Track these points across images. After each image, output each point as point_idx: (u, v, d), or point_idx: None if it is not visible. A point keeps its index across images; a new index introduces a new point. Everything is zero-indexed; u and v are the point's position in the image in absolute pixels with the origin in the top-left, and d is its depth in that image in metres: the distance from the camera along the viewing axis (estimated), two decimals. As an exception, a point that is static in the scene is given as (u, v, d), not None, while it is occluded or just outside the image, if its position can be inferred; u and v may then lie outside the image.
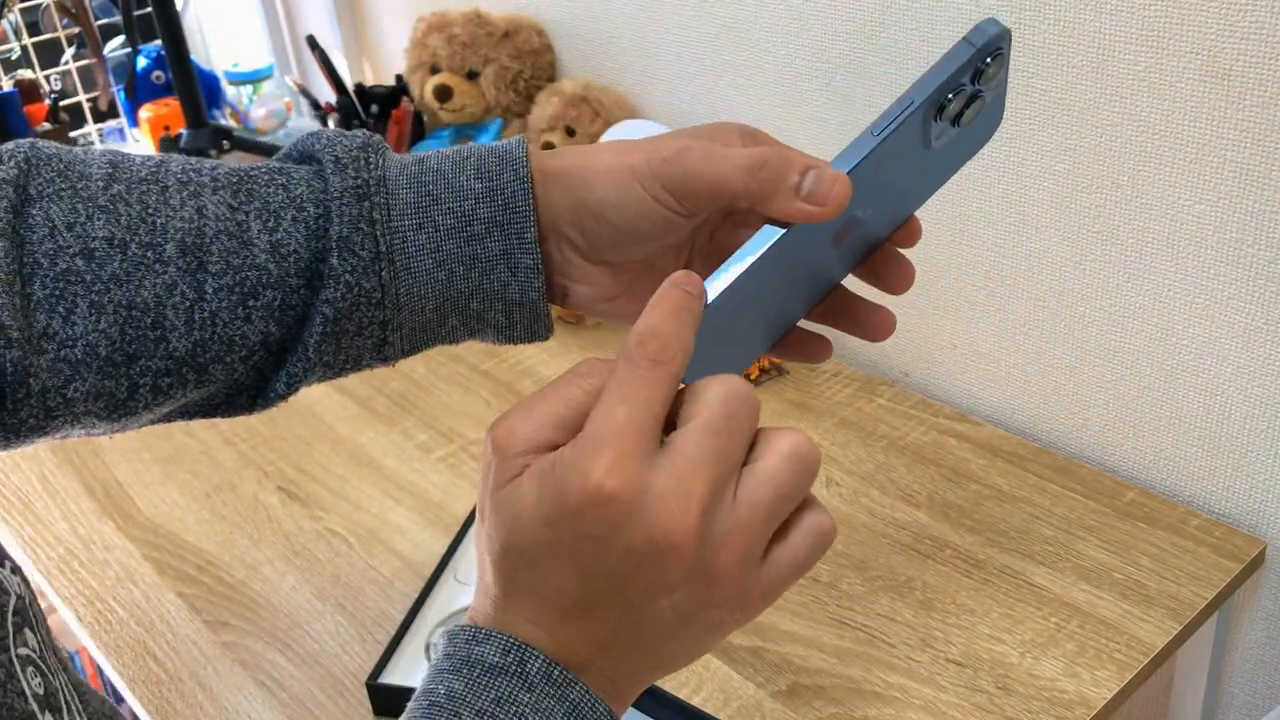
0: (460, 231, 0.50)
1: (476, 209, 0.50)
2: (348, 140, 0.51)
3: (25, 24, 1.66)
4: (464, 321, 0.52)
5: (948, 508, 0.91)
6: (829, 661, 0.78)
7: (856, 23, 0.97)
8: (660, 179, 0.48)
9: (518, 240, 0.49)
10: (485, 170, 0.50)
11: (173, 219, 0.48)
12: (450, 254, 0.50)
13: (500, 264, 0.50)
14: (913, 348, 1.07)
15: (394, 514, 0.96)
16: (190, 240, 0.48)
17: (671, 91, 1.19)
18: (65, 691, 0.48)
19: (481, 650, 0.40)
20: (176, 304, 0.48)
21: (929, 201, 0.52)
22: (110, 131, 1.76)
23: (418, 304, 0.50)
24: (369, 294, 0.49)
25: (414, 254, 0.50)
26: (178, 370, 0.49)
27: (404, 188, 0.50)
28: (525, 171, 0.50)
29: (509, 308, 0.51)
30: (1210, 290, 0.83)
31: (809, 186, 0.44)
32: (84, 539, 0.97)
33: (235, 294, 0.49)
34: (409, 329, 0.51)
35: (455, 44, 1.28)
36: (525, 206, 0.49)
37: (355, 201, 0.49)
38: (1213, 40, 0.76)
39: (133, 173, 0.50)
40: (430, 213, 0.50)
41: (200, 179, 0.50)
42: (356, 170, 0.50)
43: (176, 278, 0.48)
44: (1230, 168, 0.79)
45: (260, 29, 1.78)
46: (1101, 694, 0.74)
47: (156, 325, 0.48)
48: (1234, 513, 0.89)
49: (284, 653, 0.83)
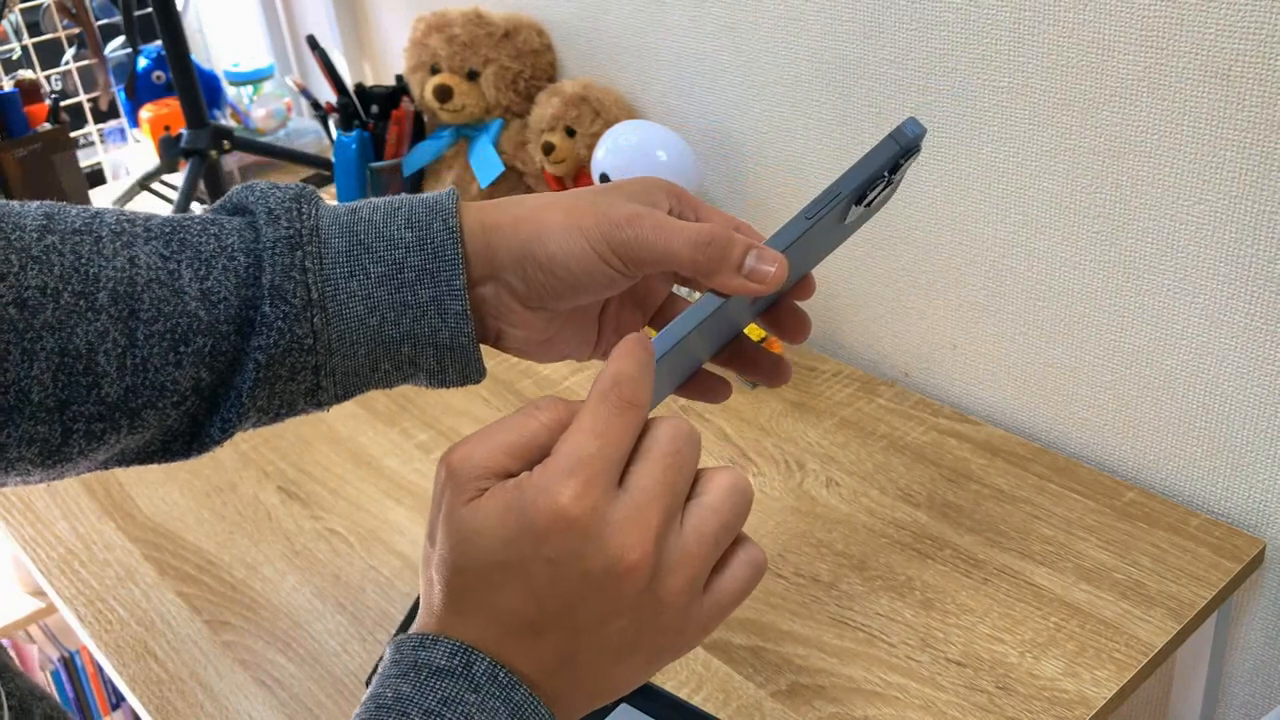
0: (391, 279, 0.52)
1: (407, 257, 0.52)
2: (280, 192, 0.53)
3: (26, 24, 1.66)
4: (396, 366, 0.54)
5: (948, 508, 0.91)
6: (829, 661, 0.78)
7: (856, 23, 0.97)
8: (610, 243, 0.51)
9: (447, 287, 0.52)
10: (415, 220, 0.52)
11: (105, 268, 0.50)
12: (381, 300, 0.52)
13: (431, 309, 0.52)
14: (913, 348, 1.07)
15: (394, 514, 0.96)
16: (122, 289, 0.50)
17: (671, 91, 1.19)
18: None
19: (428, 655, 0.42)
20: (108, 350, 0.49)
21: (929, 201, 0.55)
22: (111, 131, 1.76)
23: (350, 349, 0.52)
24: (301, 340, 0.51)
25: (346, 300, 0.52)
26: (110, 415, 0.50)
27: (336, 237, 0.52)
28: (454, 222, 0.52)
29: (440, 352, 0.53)
30: (1210, 290, 0.83)
31: (750, 265, 0.48)
32: (84, 539, 0.97)
33: (166, 340, 0.50)
34: (341, 374, 0.53)
35: (455, 44, 1.28)
36: (454, 255, 0.52)
37: (288, 251, 0.51)
38: (1213, 40, 0.76)
39: (67, 224, 0.51)
40: (362, 261, 0.52)
41: (134, 229, 0.52)
42: (289, 221, 0.52)
43: (108, 325, 0.49)
44: (1230, 168, 0.79)
45: (260, 29, 1.78)
46: (1101, 694, 0.74)
47: (89, 371, 0.49)
48: (1234, 513, 0.89)
49: (284, 652, 0.83)
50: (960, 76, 0.92)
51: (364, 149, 1.38)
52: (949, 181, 0.96)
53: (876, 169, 0.49)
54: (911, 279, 1.03)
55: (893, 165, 0.50)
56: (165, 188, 1.57)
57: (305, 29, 1.71)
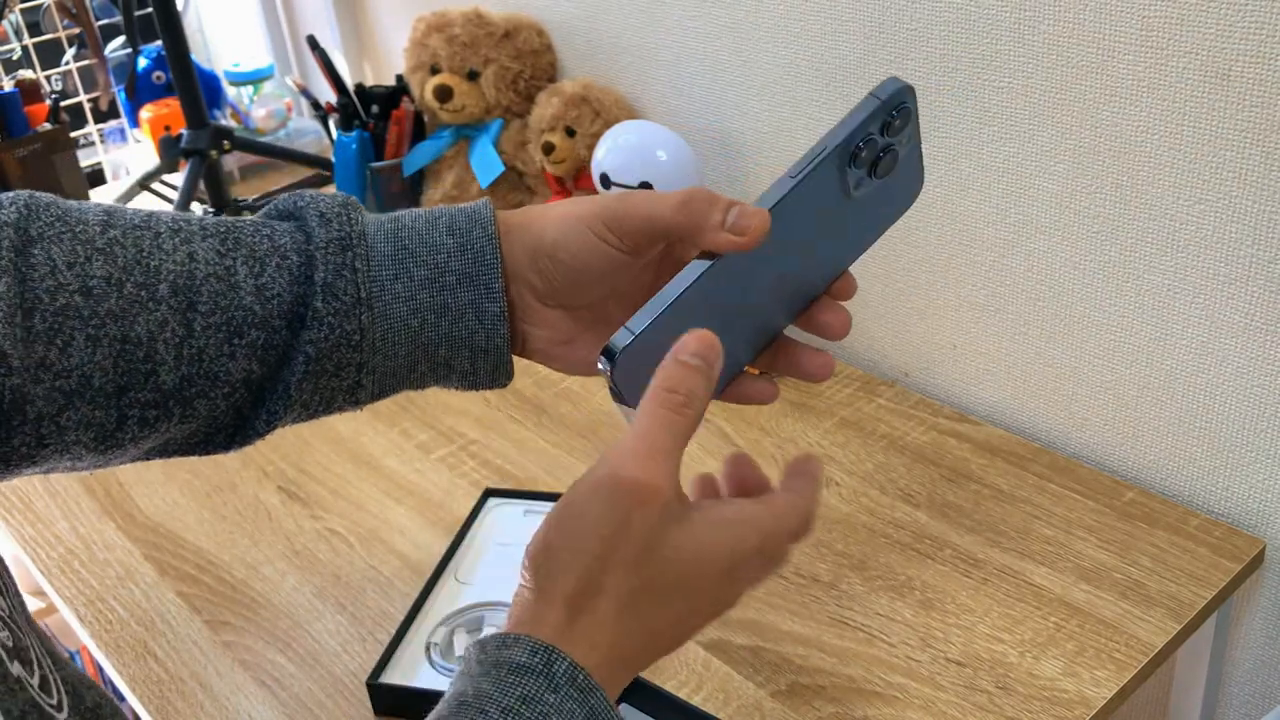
0: (434, 282, 0.55)
1: (449, 262, 0.55)
2: (330, 199, 0.56)
3: (26, 24, 1.66)
4: (431, 367, 0.56)
5: (947, 508, 0.91)
6: (829, 661, 0.78)
7: (856, 23, 0.97)
8: (603, 219, 0.53)
9: (485, 290, 0.55)
10: (456, 228, 0.55)
11: (165, 261, 0.52)
12: (423, 303, 0.55)
13: (469, 312, 0.55)
14: (913, 348, 1.07)
15: (394, 514, 0.96)
16: (182, 281, 0.52)
17: (671, 91, 1.19)
18: (36, 651, 0.51)
19: (510, 653, 0.43)
20: (167, 340, 0.52)
21: (929, 202, 0.54)
22: (111, 132, 1.76)
23: (391, 349, 0.55)
24: (349, 336, 0.54)
25: (390, 301, 0.54)
26: (164, 403, 0.52)
27: (381, 241, 0.55)
28: (493, 229, 0.55)
29: (475, 354, 0.56)
30: (1210, 290, 0.83)
31: (732, 219, 0.49)
32: (84, 539, 0.97)
33: (222, 332, 0.53)
34: (381, 373, 0.55)
35: (455, 44, 1.28)
36: (493, 260, 0.55)
37: (339, 251, 0.54)
38: (1213, 40, 0.76)
39: (127, 220, 0.54)
40: (406, 264, 0.55)
41: (190, 228, 0.54)
42: (340, 224, 0.54)
43: (168, 315, 0.52)
44: (1230, 168, 0.79)
45: (260, 29, 1.78)
46: (1101, 694, 0.74)
47: (148, 359, 0.51)
48: (1234, 513, 0.89)
49: (284, 652, 0.83)
50: (960, 76, 0.92)
51: (364, 149, 1.38)
52: (949, 181, 0.96)
53: (859, 124, 0.49)
54: (911, 279, 1.03)
55: (881, 124, 0.49)
56: (165, 188, 1.57)
57: (305, 29, 1.71)
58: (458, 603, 0.83)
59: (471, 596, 0.83)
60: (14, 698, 0.45)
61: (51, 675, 0.51)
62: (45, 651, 0.52)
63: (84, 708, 0.53)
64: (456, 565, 0.86)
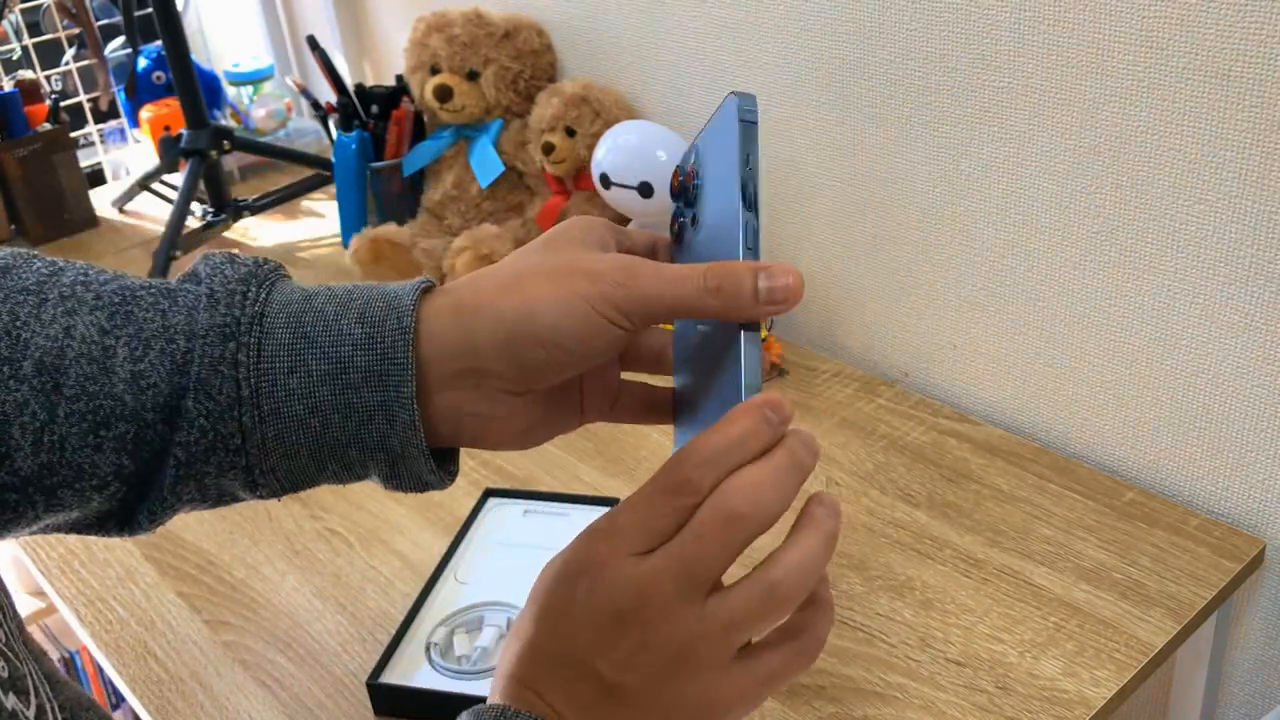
0: (335, 379, 0.47)
1: (354, 355, 0.47)
2: (233, 269, 0.49)
3: (26, 24, 1.66)
4: (345, 468, 0.49)
5: (947, 508, 0.91)
6: (829, 661, 0.78)
7: (856, 23, 0.97)
8: (614, 304, 0.46)
9: (395, 394, 0.47)
10: (368, 315, 0.47)
11: (36, 335, 0.46)
12: (324, 401, 0.47)
13: (379, 415, 0.47)
14: (913, 348, 1.07)
15: (394, 514, 0.96)
16: (50, 360, 0.46)
17: (671, 91, 1.19)
18: (34, 678, 0.47)
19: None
20: (25, 423, 0.46)
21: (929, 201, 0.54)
22: (111, 132, 1.76)
23: (290, 449, 0.48)
24: (227, 439, 0.47)
25: (284, 399, 0.47)
26: (23, 489, 0.47)
27: (280, 327, 0.47)
28: (409, 320, 0.47)
29: (392, 459, 0.49)
30: (1210, 290, 0.83)
31: (767, 292, 0.45)
32: (84, 539, 0.97)
33: (87, 421, 0.46)
34: (284, 472, 0.49)
35: (455, 44, 1.28)
36: (404, 358, 0.47)
37: (220, 341, 0.47)
38: (1213, 40, 0.76)
39: (18, 281, 0.48)
40: (304, 356, 0.47)
41: (85, 294, 0.48)
42: (229, 306, 0.47)
43: (29, 396, 0.46)
44: (1230, 168, 0.79)
45: (260, 29, 1.78)
46: (1101, 694, 0.74)
47: (2, 442, 0.46)
48: (1234, 513, 0.89)
49: (284, 652, 0.83)
50: (960, 76, 0.92)
51: (364, 149, 1.38)
52: (949, 181, 0.96)
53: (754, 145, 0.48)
54: (911, 279, 1.03)
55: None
56: (165, 188, 1.57)
57: (305, 29, 1.71)
58: (457, 603, 0.83)
59: (471, 596, 0.83)
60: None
61: (49, 704, 0.48)
62: (43, 676, 0.49)
63: None
64: (456, 565, 0.86)
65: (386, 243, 1.27)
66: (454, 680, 0.76)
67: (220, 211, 1.50)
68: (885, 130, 0.99)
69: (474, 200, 1.33)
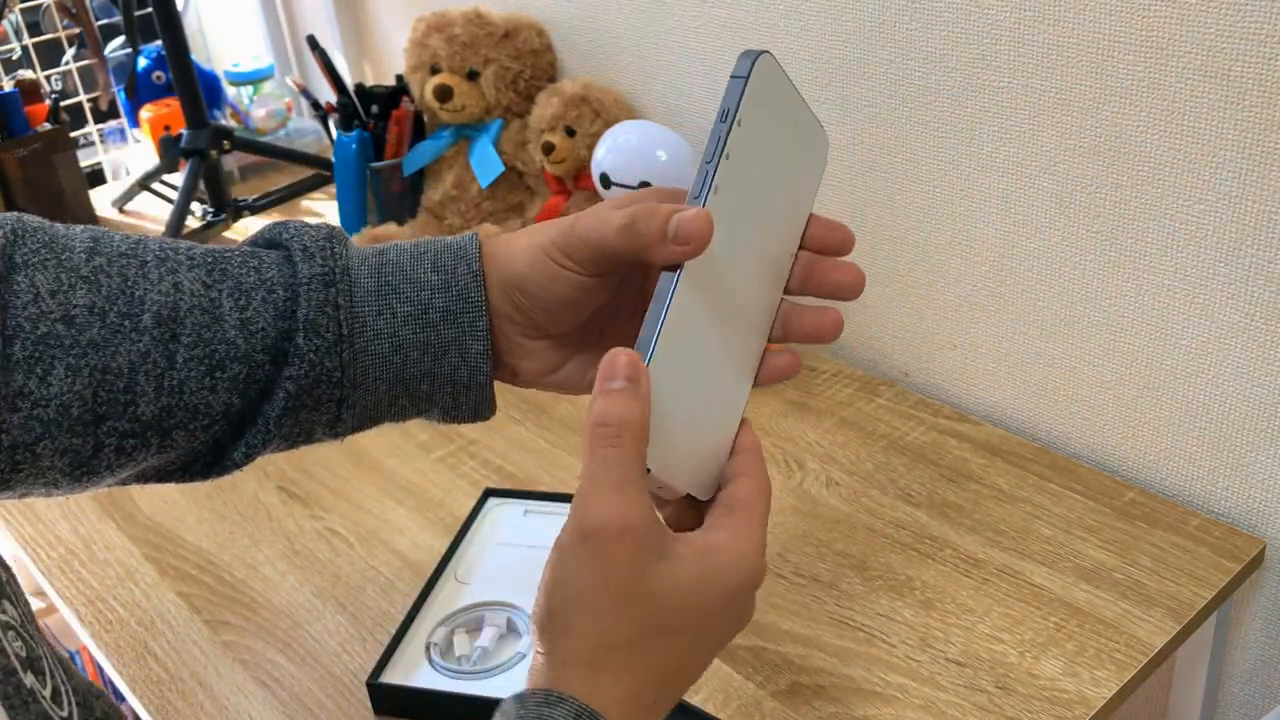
0: (417, 319, 0.54)
1: (433, 299, 0.54)
2: (315, 231, 0.55)
3: (26, 24, 1.66)
4: (413, 402, 0.56)
5: (948, 508, 0.91)
6: (829, 661, 0.78)
7: (856, 23, 0.97)
8: (560, 247, 0.52)
9: (470, 328, 0.54)
10: (441, 264, 0.54)
11: (150, 291, 0.52)
12: (406, 339, 0.54)
13: (453, 349, 0.54)
14: (913, 348, 1.07)
15: (394, 514, 0.96)
16: (166, 313, 0.52)
17: (671, 91, 1.19)
18: (49, 660, 0.50)
19: (553, 712, 0.43)
20: (148, 371, 0.51)
21: (929, 201, 0.53)
22: (111, 132, 1.76)
23: (372, 384, 0.54)
24: (330, 373, 0.53)
25: (372, 338, 0.54)
26: (143, 434, 0.52)
27: (365, 277, 0.54)
28: (478, 267, 0.54)
29: (457, 390, 0.56)
30: (1210, 290, 0.83)
31: (674, 229, 0.47)
32: (84, 539, 0.97)
33: (204, 365, 0.52)
34: (361, 407, 0.55)
35: (455, 44, 1.28)
36: (478, 297, 0.54)
37: (322, 287, 0.53)
38: (1213, 40, 0.76)
39: (113, 247, 0.53)
40: (389, 300, 0.54)
41: (177, 257, 0.54)
42: (324, 259, 0.54)
43: (150, 346, 0.51)
44: (1230, 168, 0.79)
45: (260, 29, 1.78)
46: (1101, 693, 0.74)
47: (128, 390, 0.51)
48: (1234, 513, 0.89)
49: (284, 652, 0.83)
50: (960, 76, 0.92)
51: (364, 149, 1.38)
52: (949, 181, 0.96)
53: (734, 101, 0.48)
54: (911, 279, 1.03)
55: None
56: (165, 188, 1.57)
57: (305, 29, 1.71)
58: (458, 602, 0.83)
59: (471, 596, 0.83)
60: (27, 711, 0.45)
61: (63, 685, 0.51)
62: (56, 660, 0.52)
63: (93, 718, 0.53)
64: (456, 565, 0.86)
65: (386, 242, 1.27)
66: (454, 680, 0.77)
67: (220, 211, 1.50)
68: (885, 130, 0.99)
69: (474, 200, 1.33)
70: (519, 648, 0.78)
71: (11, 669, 0.45)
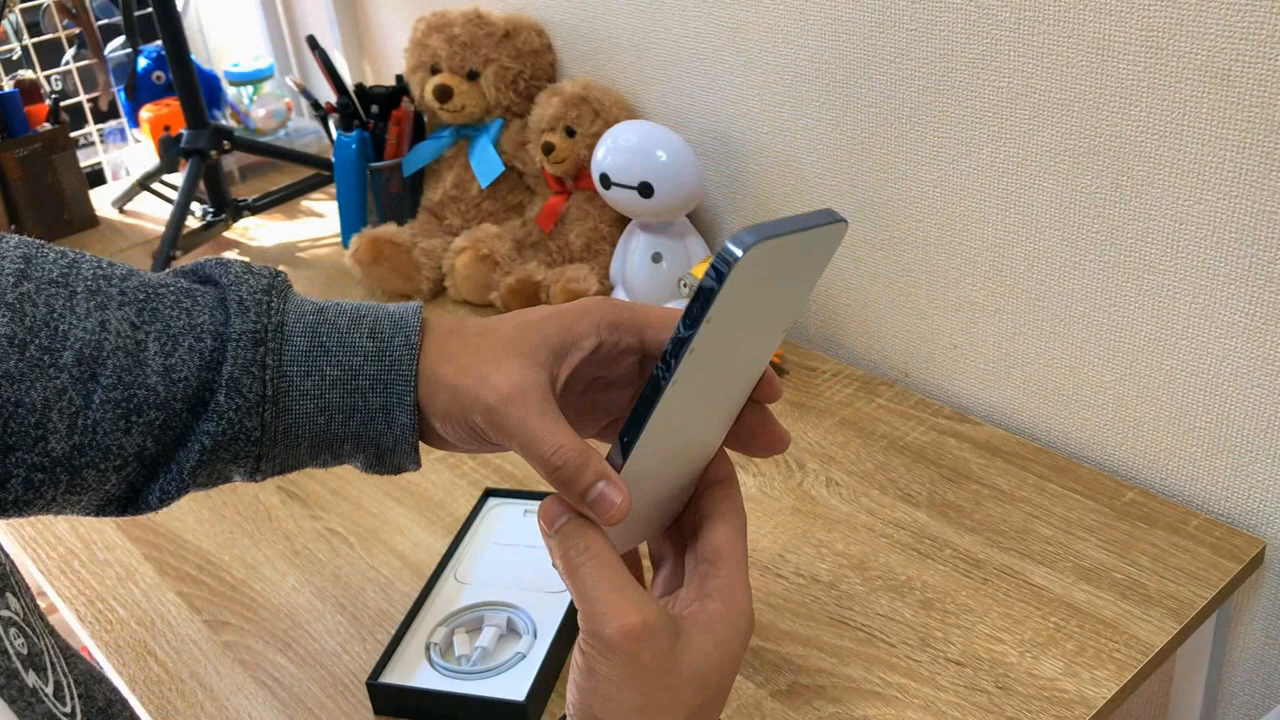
0: (345, 383, 0.54)
1: (364, 365, 0.54)
2: (254, 280, 0.54)
3: (26, 24, 1.66)
4: (335, 456, 0.56)
5: (947, 508, 0.91)
6: (829, 661, 0.78)
7: (856, 23, 0.97)
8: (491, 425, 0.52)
9: (398, 399, 0.54)
10: (379, 331, 0.54)
11: (75, 328, 0.50)
12: (331, 402, 0.54)
13: (379, 417, 0.54)
14: (913, 348, 1.07)
15: (394, 514, 0.96)
16: (89, 351, 0.50)
17: (671, 91, 1.19)
18: (50, 653, 0.50)
19: None
20: (63, 409, 0.50)
21: (929, 201, 0.53)
22: (111, 132, 1.76)
23: (294, 441, 0.55)
24: (249, 431, 0.53)
25: (298, 398, 0.54)
26: (51, 469, 0.51)
27: (298, 335, 0.54)
28: (416, 339, 0.54)
29: (380, 453, 0.56)
30: (1210, 290, 0.83)
31: (593, 498, 0.48)
32: (84, 539, 0.97)
33: (120, 408, 0.51)
34: (281, 460, 0.55)
35: (455, 44, 1.28)
36: (409, 371, 0.54)
37: (251, 345, 0.52)
38: (1213, 40, 0.76)
39: (44, 272, 0.51)
40: (319, 362, 0.54)
41: (109, 289, 0.52)
42: (258, 314, 0.53)
43: (68, 384, 0.50)
44: (1230, 168, 0.79)
45: (260, 29, 1.78)
46: (1101, 693, 0.74)
47: (39, 425, 0.50)
48: (1234, 512, 0.89)
49: (284, 652, 0.83)
50: (960, 76, 0.92)
51: (364, 149, 1.38)
52: (949, 181, 0.96)
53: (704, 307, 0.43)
54: (911, 279, 1.03)
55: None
56: (165, 188, 1.57)
57: (305, 29, 1.71)
58: (457, 603, 0.83)
59: (471, 596, 0.83)
60: (31, 711, 0.45)
61: (65, 679, 0.50)
62: (59, 651, 0.52)
63: (95, 709, 0.53)
64: (456, 565, 0.86)
65: (386, 243, 1.27)
66: (454, 680, 0.77)
67: (220, 211, 1.50)
68: (885, 130, 0.99)
69: (474, 200, 1.33)
70: (519, 648, 0.78)
71: (14, 670, 0.45)
